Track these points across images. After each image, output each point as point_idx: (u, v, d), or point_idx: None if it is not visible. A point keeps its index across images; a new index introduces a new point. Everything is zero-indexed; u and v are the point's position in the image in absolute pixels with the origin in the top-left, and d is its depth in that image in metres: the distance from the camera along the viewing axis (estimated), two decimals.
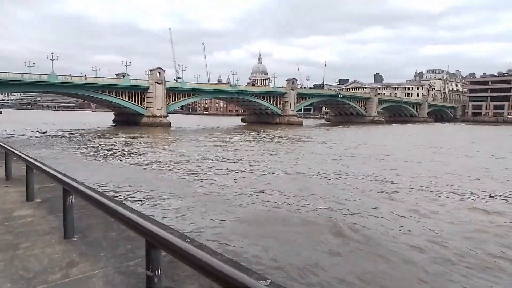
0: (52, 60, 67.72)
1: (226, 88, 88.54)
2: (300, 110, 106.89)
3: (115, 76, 80.00)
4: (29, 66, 66.69)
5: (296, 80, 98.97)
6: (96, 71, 76.26)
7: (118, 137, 43.70)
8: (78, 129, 59.97)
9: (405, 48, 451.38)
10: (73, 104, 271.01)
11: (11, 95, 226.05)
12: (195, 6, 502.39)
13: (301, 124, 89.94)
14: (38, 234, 5.00)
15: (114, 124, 78.95)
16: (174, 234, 2.54)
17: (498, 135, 66.13)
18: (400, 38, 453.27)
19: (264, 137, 48.44)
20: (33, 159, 6.51)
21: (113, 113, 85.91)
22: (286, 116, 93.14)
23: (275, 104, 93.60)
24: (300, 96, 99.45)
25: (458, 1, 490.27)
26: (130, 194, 14.71)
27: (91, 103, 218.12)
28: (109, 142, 38.15)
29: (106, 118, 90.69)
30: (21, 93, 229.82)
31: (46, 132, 52.32)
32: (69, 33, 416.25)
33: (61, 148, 31.75)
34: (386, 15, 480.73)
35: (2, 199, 6.95)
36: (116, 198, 7.20)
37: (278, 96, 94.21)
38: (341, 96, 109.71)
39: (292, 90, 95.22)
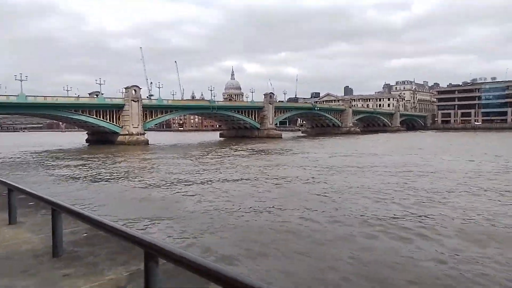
0: (21, 80, 64.78)
1: (205, 104, 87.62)
2: (277, 123, 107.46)
3: (88, 95, 77.76)
4: None
5: (274, 94, 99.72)
6: (67, 90, 73.78)
7: (99, 158, 41.69)
8: (51, 151, 57.02)
9: (371, 62, 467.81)
10: (41, 125, 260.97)
11: None
12: (165, 25, 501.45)
13: (280, 137, 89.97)
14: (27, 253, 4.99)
15: (88, 144, 76.03)
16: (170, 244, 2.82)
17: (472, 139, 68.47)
18: (366, 52, 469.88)
19: (252, 152, 47.65)
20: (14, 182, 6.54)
21: (86, 133, 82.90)
22: (265, 129, 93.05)
23: (253, 118, 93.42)
24: (278, 109, 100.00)
25: (418, 16, 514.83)
26: (134, 221, 13.52)
27: (60, 123, 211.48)
28: (90, 163, 36.22)
29: (78, 138, 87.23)
30: None
31: (15, 156, 49.35)
32: (34, 54, 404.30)
33: (36, 174, 29.72)
34: (350, 31, 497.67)
35: None
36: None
37: (256, 110, 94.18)
38: (318, 108, 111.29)
39: (270, 104, 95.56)
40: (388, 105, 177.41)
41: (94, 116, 69.49)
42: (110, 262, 4.47)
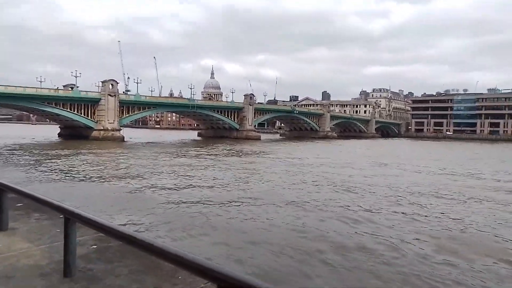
0: None
1: (184, 102, 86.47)
2: (255, 125, 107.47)
3: (62, 88, 75.16)
4: None
5: (254, 96, 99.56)
6: (41, 81, 71.05)
7: (72, 153, 40.15)
8: (21, 144, 54.54)
9: (350, 68, 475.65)
10: (10, 116, 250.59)
11: None
12: (144, 19, 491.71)
13: (259, 139, 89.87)
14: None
15: (60, 138, 73.41)
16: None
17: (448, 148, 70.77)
18: (345, 58, 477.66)
19: (230, 152, 47.25)
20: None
21: (59, 127, 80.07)
22: (244, 130, 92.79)
23: (232, 119, 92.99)
24: (258, 111, 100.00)
25: (395, 25, 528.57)
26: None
27: (31, 115, 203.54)
28: (62, 158, 34.81)
29: (50, 132, 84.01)
30: None
31: None
32: (4, 42, 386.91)
33: (5, 169, 28.28)
34: (331, 36, 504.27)
35: None
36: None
37: (235, 111, 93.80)
38: (297, 112, 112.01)
39: (250, 105, 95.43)
40: (365, 111, 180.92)
41: (69, 110, 67.25)
42: (137, 285, 3.73)
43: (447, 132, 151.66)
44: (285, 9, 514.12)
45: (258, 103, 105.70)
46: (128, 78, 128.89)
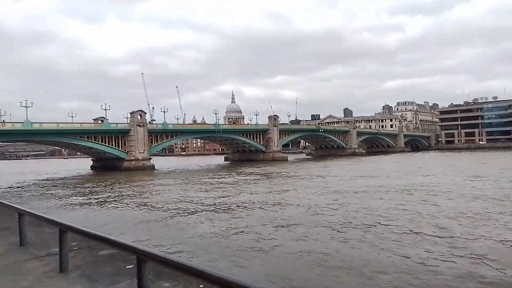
0: (26, 107, 64.64)
1: (210, 128, 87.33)
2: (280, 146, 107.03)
3: (92, 121, 77.55)
4: None
5: (278, 117, 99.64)
6: (72, 116, 73.45)
7: (108, 185, 40.77)
8: (59, 179, 56.08)
9: (367, 83, 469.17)
10: (43, 152, 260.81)
11: None
12: (161, 50, 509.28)
13: (286, 160, 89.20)
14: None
15: (93, 170, 75.19)
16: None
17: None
18: (362, 74, 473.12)
19: (263, 176, 46.76)
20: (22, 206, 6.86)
21: (91, 159, 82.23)
22: (270, 152, 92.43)
23: (258, 141, 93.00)
24: (282, 132, 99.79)
25: (411, 38, 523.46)
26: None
27: (62, 150, 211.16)
28: (100, 189, 35.33)
29: (82, 165, 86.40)
30: None
31: (24, 183, 48.43)
32: (33, 81, 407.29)
33: (55, 203, 28.83)
34: (345, 53, 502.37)
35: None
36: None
37: (261, 133, 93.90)
38: (322, 130, 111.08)
39: (275, 126, 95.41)
40: (391, 125, 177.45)
41: (100, 142, 69.01)
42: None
43: (480, 142, 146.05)
44: (297, 30, 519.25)
45: (281, 123, 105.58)
46: (153, 108, 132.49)
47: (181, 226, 16.83)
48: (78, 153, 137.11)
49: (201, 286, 4.03)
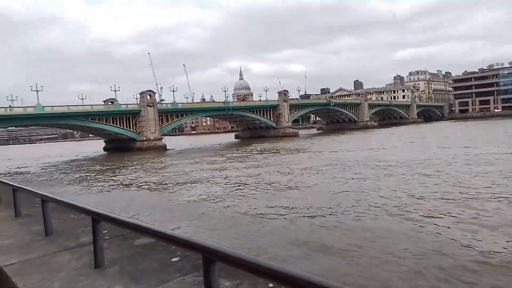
0: (37, 91, 65.00)
1: (220, 106, 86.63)
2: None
3: (102, 103, 77.46)
4: (12, 100, 63.96)
5: (288, 92, 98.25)
6: (82, 99, 73.47)
7: (124, 165, 40.94)
8: (78, 160, 56.65)
9: (377, 54, 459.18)
10: (56, 135, 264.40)
11: None
12: (168, 29, 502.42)
13: (297, 135, 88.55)
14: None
15: (106, 152, 75.82)
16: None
17: None
18: (371, 44, 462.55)
19: (277, 152, 46.39)
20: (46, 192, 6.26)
21: (104, 141, 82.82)
22: (281, 128, 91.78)
23: (268, 118, 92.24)
24: (293, 107, 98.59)
25: (421, 4, 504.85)
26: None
27: (75, 132, 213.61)
28: (117, 170, 35.49)
29: (95, 147, 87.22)
30: (1, 128, 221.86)
31: (45, 166, 49.05)
32: (42, 65, 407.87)
33: (79, 183, 29.03)
34: (354, 23, 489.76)
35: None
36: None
37: (271, 109, 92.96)
38: (333, 104, 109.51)
39: (285, 101, 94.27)
40: (403, 96, 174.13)
41: (112, 124, 69.19)
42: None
43: (495, 110, 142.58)
44: (303, 2, 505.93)
45: (291, 99, 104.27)
46: (161, 88, 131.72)
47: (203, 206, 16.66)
48: (90, 135, 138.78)
49: (271, 285, 3.47)
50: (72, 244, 5.53)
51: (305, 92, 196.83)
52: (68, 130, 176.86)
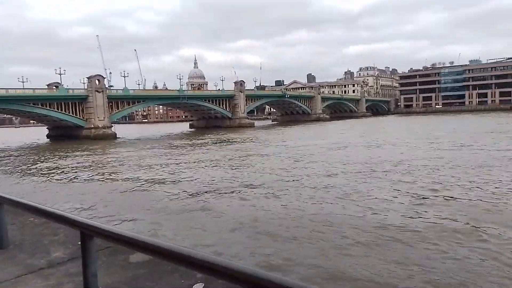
0: None
1: (174, 94, 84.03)
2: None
3: (46, 87, 72.00)
4: None
5: (244, 82, 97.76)
6: (23, 82, 67.87)
7: (65, 154, 38.22)
8: (13, 149, 52.04)
9: (330, 49, 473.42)
10: None
11: None
12: (117, 13, 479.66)
13: (253, 126, 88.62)
14: None
15: (50, 139, 70.76)
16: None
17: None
18: (325, 39, 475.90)
19: (230, 142, 45.85)
20: None
21: (47, 128, 77.21)
22: (237, 119, 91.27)
23: (224, 107, 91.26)
24: (249, 98, 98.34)
25: (372, 2, 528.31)
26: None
27: (13, 118, 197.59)
28: (58, 160, 32.98)
29: (37, 134, 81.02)
30: None
31: None
32: None
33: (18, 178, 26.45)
34: (309, 18, 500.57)
35: None
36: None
37: (227, 99, 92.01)
38: (288, 96, 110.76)
39: (241, 92, 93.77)
40: (353, 91, 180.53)
41: (56, 109, 64.61)
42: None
43: (436, 106, 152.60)
44: None
45: (247, 89, 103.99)
46: (110, 73, 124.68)
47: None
48: (31, 121, 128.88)
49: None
50: (40, 262, 4.05)
51: (260, 83, 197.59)
52: (5, 115, 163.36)
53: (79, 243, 3.00)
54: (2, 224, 4.52)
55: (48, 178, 22.95)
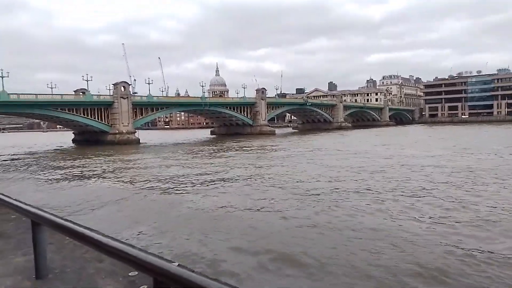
0: (2, 77, 61.05)
1: (196, 101, 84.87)
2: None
3: (73, 93, 74.07)
4: None
5: (266, 90, 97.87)
6: (51, 88, 70.01)
7: (93, 159, 38.98)
8: (40, 152, 53.63)
9: (351, 57, 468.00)
10: (21, 125, 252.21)
11: None
12: (141, 21, 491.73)
13: (273, 134, 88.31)
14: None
15: (75, 144, 72.61)
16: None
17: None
18: (346, 47, 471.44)
19: (255, 150, 45.71)
20: None
21: (73, 132, 79.32)
22: (258, 126, 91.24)
23: (245, 115, 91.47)
24: (270, 105, 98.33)
25: (395, 11, 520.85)
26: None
27: (41, 123, 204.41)
28: (85, 164, 33.66)
29: (63, 138, 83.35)
30: None
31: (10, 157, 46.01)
32: (5, 52, 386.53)
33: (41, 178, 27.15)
34: (329, 25, 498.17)
35: None
36: None
37: (248, 106, 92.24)
38: (309, 104, 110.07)
39: (262, 99, 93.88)
40: (376, 99, 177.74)
41: (82, 115, 66.26)
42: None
43: (462, 116, 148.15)
44: (280, 2, 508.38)
45: (268, 97, 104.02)
46: (135, 80, 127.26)
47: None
48: (58, 126, 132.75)
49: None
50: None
51: (281, 91, 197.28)
52: (35, 120, 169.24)
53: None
54: (41, 248, 3.79)
55: (104, 181, 23.36)
